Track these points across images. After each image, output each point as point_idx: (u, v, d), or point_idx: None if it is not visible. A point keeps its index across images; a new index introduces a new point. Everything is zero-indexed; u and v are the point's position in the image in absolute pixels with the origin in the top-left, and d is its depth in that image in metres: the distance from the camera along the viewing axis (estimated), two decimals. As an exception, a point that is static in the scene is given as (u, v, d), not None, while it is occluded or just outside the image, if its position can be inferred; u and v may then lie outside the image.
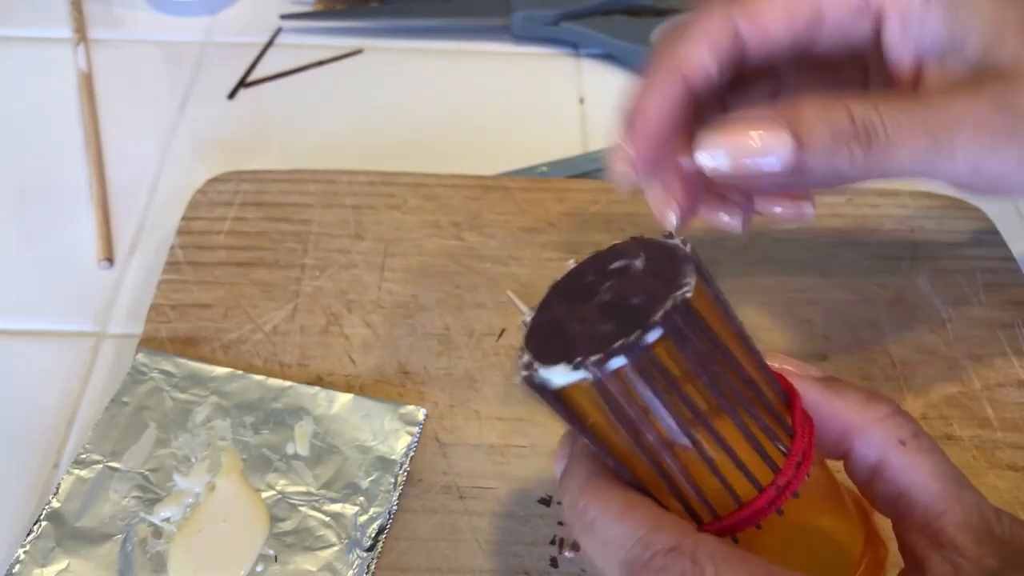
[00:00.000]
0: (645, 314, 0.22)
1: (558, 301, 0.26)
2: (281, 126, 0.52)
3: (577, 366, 0.22)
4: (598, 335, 0.23)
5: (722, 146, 0.27)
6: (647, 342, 0.22)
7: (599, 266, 0.26)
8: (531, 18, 0.56)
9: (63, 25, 0.57)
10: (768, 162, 0.26)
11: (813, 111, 0.27)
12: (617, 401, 0.23)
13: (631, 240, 0.27)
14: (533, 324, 0.26)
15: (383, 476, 0.34)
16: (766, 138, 0.26)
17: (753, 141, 0.26)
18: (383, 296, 0.41)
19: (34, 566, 0.31)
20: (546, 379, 0.23)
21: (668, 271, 0.24)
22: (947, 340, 0.40)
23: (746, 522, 0.24)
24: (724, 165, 0.27)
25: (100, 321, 0.42)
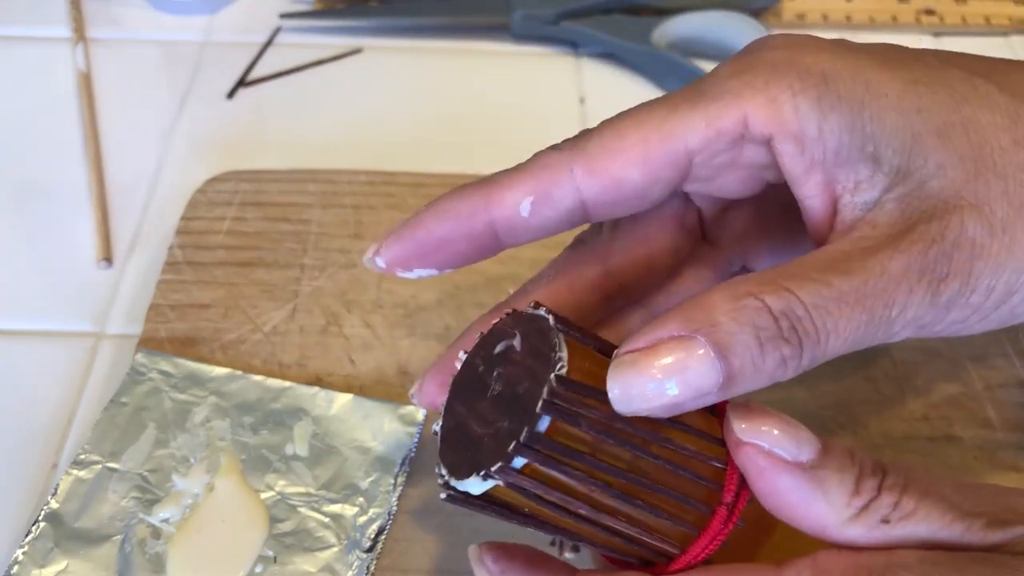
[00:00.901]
0: (531, 402, 0.22)
1: (459, 400, 0.26)
2: (280, 126, 0.52)
3: (486, 476, 0.23)
4: (498, 434, 0.23)
5: (632, 384, 0.21)
6: (539, 432, 0.22)
7: (486, 351, 0.26)
8: (531, 17, 0.56)
9: (62, 24, 0.57)
10: (695, 391, 0.21)
11: (726, 313, 0.21)
12: (536, 492, 0.23)
13: (506, 317, 0.26)
14: (443, 432, 0.26)
15: (383, 477, 0.34)
16: (685, 363, 0.21)
17: (669, 370, 0.21)
18: (383, 296, 0.41)
19: (32, 567, 0.31)
20: (465, 491, 0.24)
21: (542, 347, 0.23)
22: (948, 340, 0.40)
23: (696, 559, 0.24)
24: (642, 406, 0.21)
25: (99, 321, 0.42)
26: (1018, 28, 0.59)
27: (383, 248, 0.27)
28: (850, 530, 0.23)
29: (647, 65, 0.55)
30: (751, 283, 0.22)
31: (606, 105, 0.54)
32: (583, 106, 0.54)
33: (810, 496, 0.23)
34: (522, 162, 0.27)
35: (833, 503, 0.23)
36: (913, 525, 0.23)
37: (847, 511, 0.23)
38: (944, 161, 0.23)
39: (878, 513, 0.23)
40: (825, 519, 0.23)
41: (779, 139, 0.24)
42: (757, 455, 0.23)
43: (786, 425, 0.23)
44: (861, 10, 0.59)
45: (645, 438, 0.23)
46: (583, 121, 0.52)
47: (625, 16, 0.56)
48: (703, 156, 0.25)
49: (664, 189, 0.26)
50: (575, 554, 0.33)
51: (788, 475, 0.23)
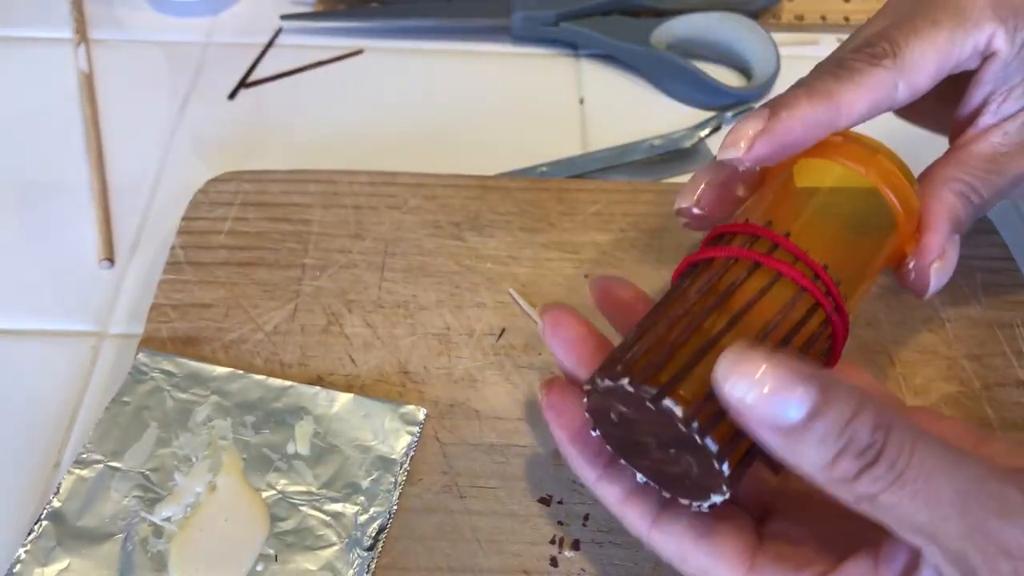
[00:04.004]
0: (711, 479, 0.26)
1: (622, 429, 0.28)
2: (281, 126, 0.52)
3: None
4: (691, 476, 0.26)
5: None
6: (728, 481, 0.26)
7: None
8: (531, 18, 0.56)
9: (64, 26, 0.57)
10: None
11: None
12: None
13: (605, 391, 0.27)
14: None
15: (383, 476, 0.34)
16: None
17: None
18: (383, 296, 0.41)
19: (35, 565, 0.31)
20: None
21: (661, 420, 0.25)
22: (946, 340, 0.40)
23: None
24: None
25: (101, 321, 0.42)
26: (1017, 29, 0.59)
27: (755, 147, 0.30)
28: (825, 488, 0.23)
29: (647, 66, 0.55)
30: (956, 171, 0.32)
31: (606, 106, 0.54)
32: (583, 107, 0.54)
33: (783, 454, 0.23)
34: (855, 64, 0.31)
35: (806, 467, 0.23)
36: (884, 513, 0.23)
37: (820, 477, 0.23)
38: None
39: (850, 492, 0.23)
40: (800, 470, 0.23)
41: (995, 59, 0.32)
42: (739, 408, 0.23)
43: (770, 386, 0.23)
44: (860, 11, 0.59)
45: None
46: (583, 122, 0.53)
47: (625, 17, 0.56)
48: (958, 67, 0.32)
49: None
50: (575, 553, 0.33)
51: (760, 432, 0.23)
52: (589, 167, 0.49)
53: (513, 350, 0.39)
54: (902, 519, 0.23)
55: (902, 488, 0.22)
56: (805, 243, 0.28)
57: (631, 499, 0.28)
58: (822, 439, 0.23)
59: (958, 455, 0.23)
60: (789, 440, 0.23)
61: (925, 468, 0.22)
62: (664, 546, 0.28)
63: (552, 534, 0.33)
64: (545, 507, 0.34)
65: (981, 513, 0.22)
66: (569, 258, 0.42)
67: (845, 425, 0.22)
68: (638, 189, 0.45)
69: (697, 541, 0.27)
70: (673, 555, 0.28)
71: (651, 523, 0.28)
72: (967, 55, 0.32)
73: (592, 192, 0.45)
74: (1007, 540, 0.22)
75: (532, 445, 0.36)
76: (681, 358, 0.25)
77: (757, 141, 0.30)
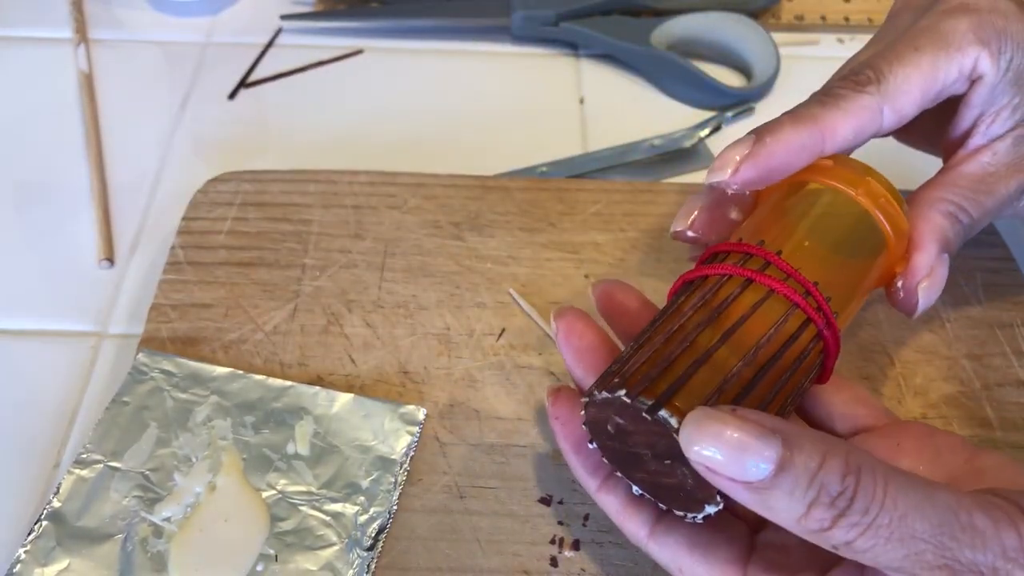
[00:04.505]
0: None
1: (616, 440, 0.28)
2: (281, 126, 0.52)
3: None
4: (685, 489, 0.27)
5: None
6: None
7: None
8: (531, 18, 0.56)
9: (64, 25, 0.57)
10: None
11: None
12: None
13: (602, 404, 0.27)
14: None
15: (383, 476, 0.34)
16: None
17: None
18: (383, 296, 0.41)
19: (35, 565, 0.31)
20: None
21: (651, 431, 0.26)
22: (947, 340, 0.40)
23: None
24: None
25: (101, 321, 0.42)
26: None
27: (741, 171, 0.30)
28: (811, 540, 0.23)
29: (647, 66, 0.55)
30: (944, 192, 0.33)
31: (606, 106, 0.54)
32: (583, 107, 0.54)
33: (754, 507, 0.23)
34: (834, 95, 0.31)
35: (781, 519, 0.23)
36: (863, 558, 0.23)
37: (796, 528, 0.23)
38: None
39: (827, 541, 0.23)
40: (779, 522, 0.24)
41: (982, 82, 0.32)
42: (702, 467, 0.23)
43: (733, 444, 0.23)
44: (859, 11, 0.60)
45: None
46: (583, 121, 0.53)
47: (625, 17, 0.56)
48: (944, 92, 0.33)
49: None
50: (575, 553, 0.33)
51: (731, 490, 0.23)
52: (589, 167, 0.49)
53: (513, 350, 0.39)
54: (879, 560, 0.23)
55: (876, 532, 0.22)
56: (797, 262, 0.28)
57: (629, 509, 0.29)
58: (791, 492, 0.23)
59: (928, 488, 0.23)
60: (760, 496, 0.23)
61: (898, 509, 0.23)
62: (660, 555, 0.29)
63: (552, 534, 0.33)
64: (545, 507, 0.34)
65: (954, 544, 0.23)
66: (569, 258, 0.42)
67: (813, 476, 0.23)
68: (638, 189, 0.45)
69: (692, 551, 0.28)
70: (669, 564, 0.28)
71: (648, 533, 0.29)
72: (952, 79, 0.32)
73: (592, 192, 0.45)
74: (980, 566, 0.23)
75: (532, 445, 0.36)
76: (676, 371, 0.26)
77: (743, 165, 0.30)
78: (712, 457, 0.23)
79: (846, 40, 0.58)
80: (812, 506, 0.23)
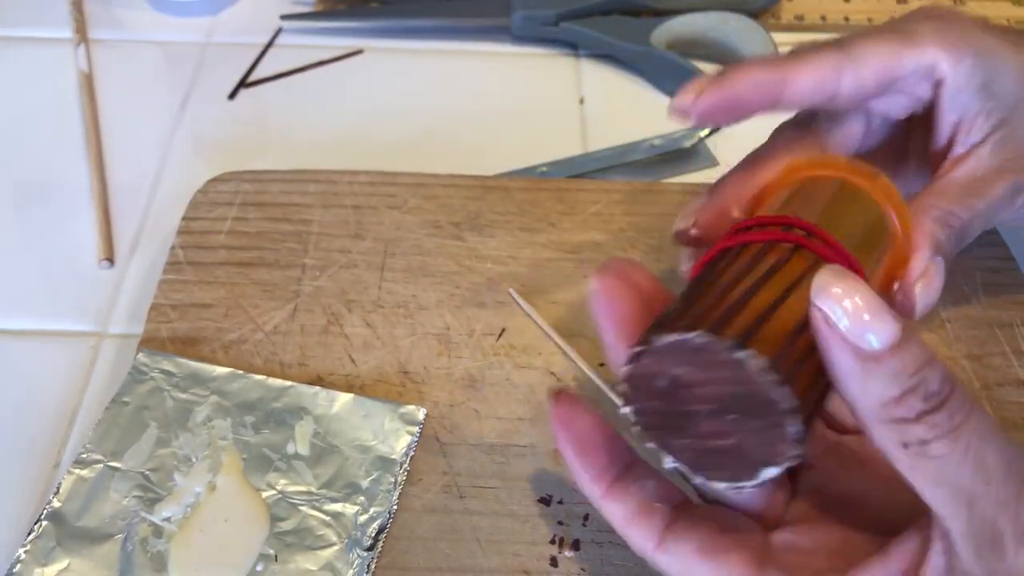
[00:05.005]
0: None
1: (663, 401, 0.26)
2: (281, 126, 0.52)
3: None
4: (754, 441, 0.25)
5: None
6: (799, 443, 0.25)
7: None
8: (531, 18, 0.56)
9: (64, 25, 0.57)
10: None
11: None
12: None
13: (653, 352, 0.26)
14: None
15: (383, 476, 0.34)
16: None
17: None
18: (383, 296, 0.41)
19: (35, 565, 0.31)
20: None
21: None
22: (946, 340, 0.40)
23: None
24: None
25: (100, 321, 0.42)
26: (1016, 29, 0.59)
27: (703, 97, 0.32)
28: (875, 431, 0.24)
29: (646, 66, 0.55)
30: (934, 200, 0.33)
31: (606, 105, 0.54)
32: (583, 106, 0.54)
33: (851, 380, 0.23)
34: (802, 51, 0.33)
35: (868, 400, 0.23)
36: (927, 466, 0.23)
37: (878, 413, 0.23)
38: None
39: (902, 435, 0.23)
40: (856, 404, 0.24)
41: (945, 85, 0.34)
42: (821, 321, 0.23)
43: (863, 308, 0.23)
44: (859, 11, 0.60)
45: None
46: (583, 122, 0.53)
47: (625, 17, 0.56)
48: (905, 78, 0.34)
49: (878, 93, 0.34)
50: (575, 553, 0.33)
51: (839, 351, 0.23)
52: (589, 167, 0.49)
53: (513, 350, 0.39)
54: (944, 476, 0.23)
55: (956, 441, 0.23)
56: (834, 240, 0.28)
57: (636, 518, 0.28)
58: (895, 374, 0.23)
59: (1003, 432, 0.24)
60: (865, 367, 0.23)
61: (978, 431, 0.23)
62: (670, 566, 0.28)
63: (552, 534, 0.33)
64: (545, 507, 0.34)
65: (1021, 483, 0.23)
66: (569, 258, 0.42)
67: (920, 368, 0.23)
68: (638, 189, 0.46)
69: (703, 557, 0.27)
70: (680, 573, 0.28)
71: (656, 543, 0.28)
72: (910, 70, 0.33)
73: (592, 192, 0.45)
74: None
75: (532, 445, 0.36)
76: (750, 314, 0.25)
77: (706, 91, 0.32)
78: (834, 314, 0.23)
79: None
80: (908, 394, 0.23)
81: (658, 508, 0.28)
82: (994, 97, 0.34)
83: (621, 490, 0.29)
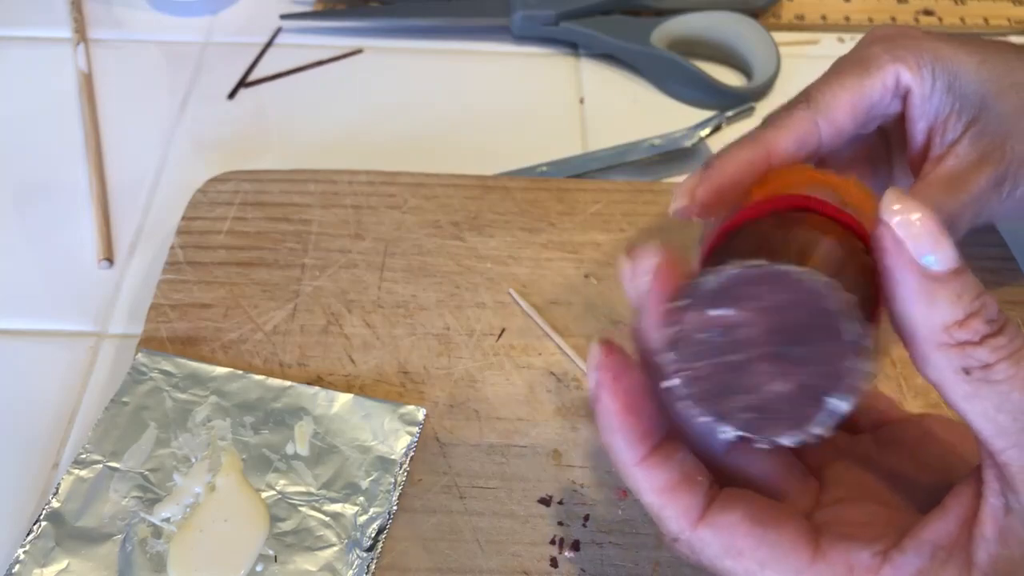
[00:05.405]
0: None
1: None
2: (281, 126, 0.52)
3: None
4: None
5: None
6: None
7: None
8: (531, 18, 0.56)
9: (63, 25, 0.57)
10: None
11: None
12: None
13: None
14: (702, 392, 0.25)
15: (383, 476, 0.34)
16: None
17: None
18: (383, 296, 0.41)
19: (34, 566, 0.31)
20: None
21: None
22: (947, 340, 0.40)
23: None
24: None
25: (100, 321, 0.42)
26: (1016, 28, 0.59)
27: (697, 194, 0.32)
28: (933, 356, 0.24)
29: (647, 65, 0.55)
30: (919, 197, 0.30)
31: (606, 105, 0.54)
32: (583, 106, 0.54)
33: (916, 301, 0.23)
34: (774, 118, 0.35)
35: (932, 323, 0.23)
36: (988, 392, 0.23)
37: (941, 336, 0.23)
38: (1001, 111, 0.35)
39: (964, 359, 0.23)
40: (917, 330, 0.24)
41: (912, 94, 0.35)
42: (888, 236, 0.24)
43: (931, 229, 0.23)
44: (859, 11, 0.59)
45: None
46: (583, 122, 0.53)
47: (625, 17, 0.56)
48: (877, 107, 0.35)
49: (861, 128, 0.36)
50: (575, 553, 0.33)
51: (906, 270, 0.24)
52: (589, 167, 0.49)
53: (513, 350, 0.39)
54: (1005, 399, 0.23)
55: (1019, 363, 0.23)
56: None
57: (679, 487, 0.26)
58: (960, 295, 0.23)
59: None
60: (930, 286, 0.23)
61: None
62: (714, 541, 0.26)
63: (552, 534, 0.33)
64: (545, 507, 0.34)
65: None
66: (569, 258, 0.42)
67: (979, 294, 0.23)
68: (638, 189, 0.45)
69: (753, 529, 0.25)
70: (727, 550, 0.26)
71: (699, 514, 0.26)
72: (878, 95, 0.35)
73: (592, 192, 0.45)
74: None
75: (532, 445, 0.36)
76: (796, 246, 0.24)
77: (700, 188, 0.32)
78: (903, 230, 0.23)
79: (846, 40, 0.58)
80: (971, 317, 0.23)
81: (700, 480, 0.26)
82: (961, 97, 0.35)
83: (663, 458, 0.26)
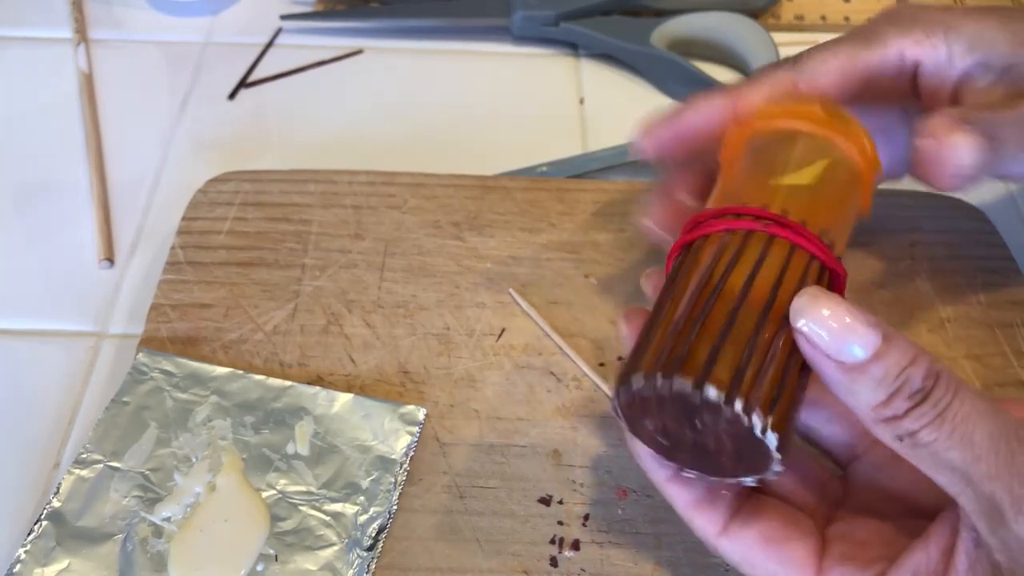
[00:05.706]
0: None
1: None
2: (281, 126, 0.52)
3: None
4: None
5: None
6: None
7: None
8: (531, 18, 0.56)
9: (64, 25, 0.57)
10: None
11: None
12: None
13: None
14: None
15: (383, 476, 0.34)
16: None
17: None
18: (383, 296, 0.41)
19: (35, 566, 0.31)
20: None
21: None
22: (946, 340, 0.40)
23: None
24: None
25: (100, 321, 0.42)
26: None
27: (654, 132, 0.33)
28: (872, 429, 0.25)
29: (647, 66, 0.55)
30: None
31: (606, 106, 0.54)
32: (583, 107, 0.54)
33: (841, 390, 0.25)
34: (756, 75, 0.34)
35: (860, 405, 0.25)
36: (923, 454, 0.25)
37: (870, 415, 0.25)
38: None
39: (895, 430, 0.25)
40: (855, 410, 0.25)
41: (923, 65, 0.34)
42: (804, 342, 0.25)
43: (843, 321, 0.25)
44: (859, 11, 0.59)
45: None
46: (583, 122, 0.53)
47: (625, 17, 0.56)
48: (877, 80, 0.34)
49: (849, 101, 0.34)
50: (575, 553, 0.33)
51: (823, 366, 0.25)
52: (589, 167, 0.49)
53: (513, 350, 0.39)
54: (938, 457, 0.24)
55: (941, 426, 0.24)
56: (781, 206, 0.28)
57: (703, 504, 0.29)
58: (879, 380, 0.25)
59: (993, 405, 0.25)
60: (848, 378, 0.25)
61: (963, 411, 0.24)
62: (732, 551, 0.29)
63: (552, 534, 0.33)
64: (545, 507, 0.34)
65: (1009, 454, 0.24)
66: (569, 258, 0.42)
67: (902, 371, 0.25)
68: (638, 189, 0.45)
69: (766, 547, 0.28)
70: (742, 561, 0.29)
71: (720, 529, 0.29)
72: (875, 67, 0.34)
73: (592, 192, 0.45)
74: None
75: (532, 445, 0.36)
76: (707, 337, 0.26)
77: (659, 129, 0.34)
78: (816, 332, 0.25)
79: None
80: (894, 396, 0.25)
81: (723, 496, 0.29)
82: (988, 53, 0.33)
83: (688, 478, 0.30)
